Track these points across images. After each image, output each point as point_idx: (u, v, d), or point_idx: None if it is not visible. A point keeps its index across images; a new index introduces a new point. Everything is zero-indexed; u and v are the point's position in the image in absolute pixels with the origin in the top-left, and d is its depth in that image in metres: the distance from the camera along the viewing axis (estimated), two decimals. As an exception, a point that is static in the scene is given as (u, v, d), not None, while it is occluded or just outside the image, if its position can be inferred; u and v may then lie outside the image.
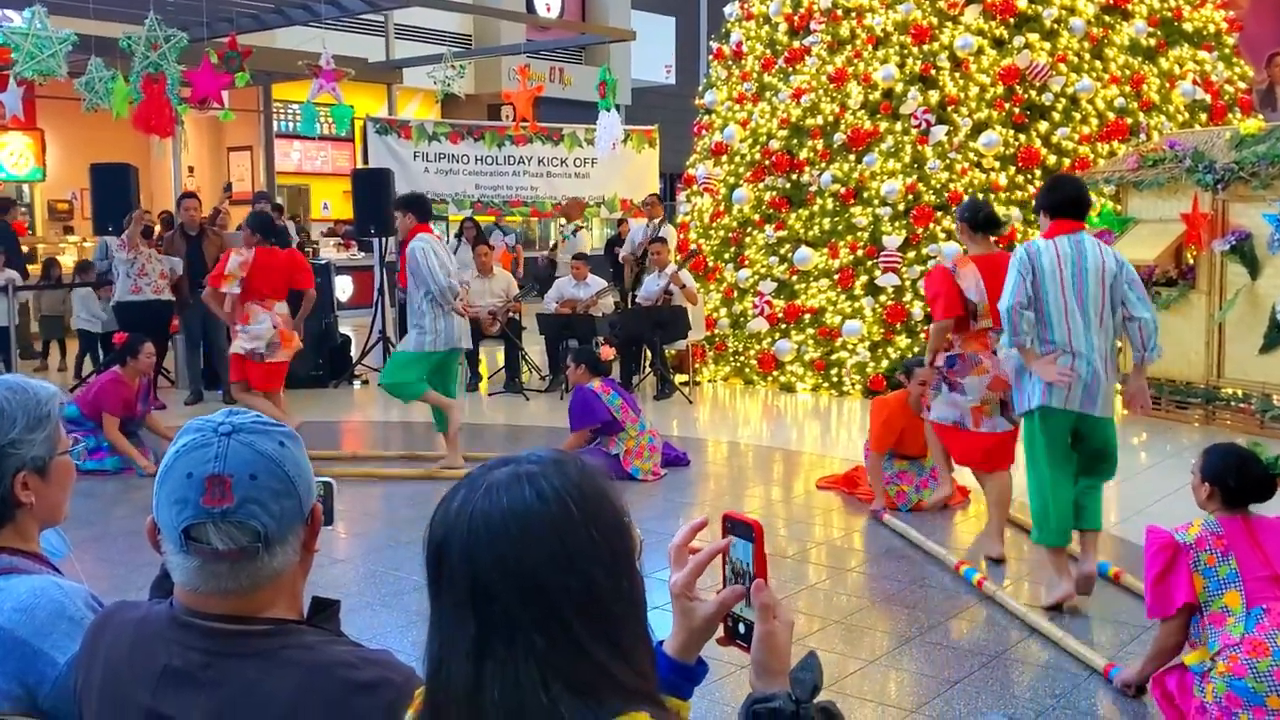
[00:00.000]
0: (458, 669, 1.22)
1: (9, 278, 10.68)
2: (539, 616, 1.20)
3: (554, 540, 1.22)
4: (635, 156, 15.74)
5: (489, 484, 1.26)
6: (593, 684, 1.20)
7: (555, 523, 1.23)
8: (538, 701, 1.18)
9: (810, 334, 10.67)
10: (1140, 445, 8.53)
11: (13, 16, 13.20)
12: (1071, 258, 4.79)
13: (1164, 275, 9.08)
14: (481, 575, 1.22)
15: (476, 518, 1.24)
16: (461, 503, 1.27)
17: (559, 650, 1.20)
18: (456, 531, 1.25)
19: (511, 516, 1.23)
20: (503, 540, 1.22)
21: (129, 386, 7.77)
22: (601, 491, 1.28)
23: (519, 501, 1.23)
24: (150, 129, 10.22)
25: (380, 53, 16.74)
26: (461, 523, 1.25)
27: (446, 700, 1.23)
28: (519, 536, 1.22)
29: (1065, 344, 4.76)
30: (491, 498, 1.25)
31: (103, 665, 1.59)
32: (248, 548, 1.50)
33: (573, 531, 1.23)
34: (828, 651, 4.54)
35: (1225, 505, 3.63)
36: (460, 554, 1.24)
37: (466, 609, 1.22)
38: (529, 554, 1.21)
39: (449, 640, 1.24)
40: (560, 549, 1.22)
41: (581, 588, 1.22)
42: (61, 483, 2.01)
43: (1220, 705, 3.37)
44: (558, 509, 1.23)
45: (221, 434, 1.52)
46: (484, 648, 1.21)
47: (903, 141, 10.71)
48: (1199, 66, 11.27)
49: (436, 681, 1.24)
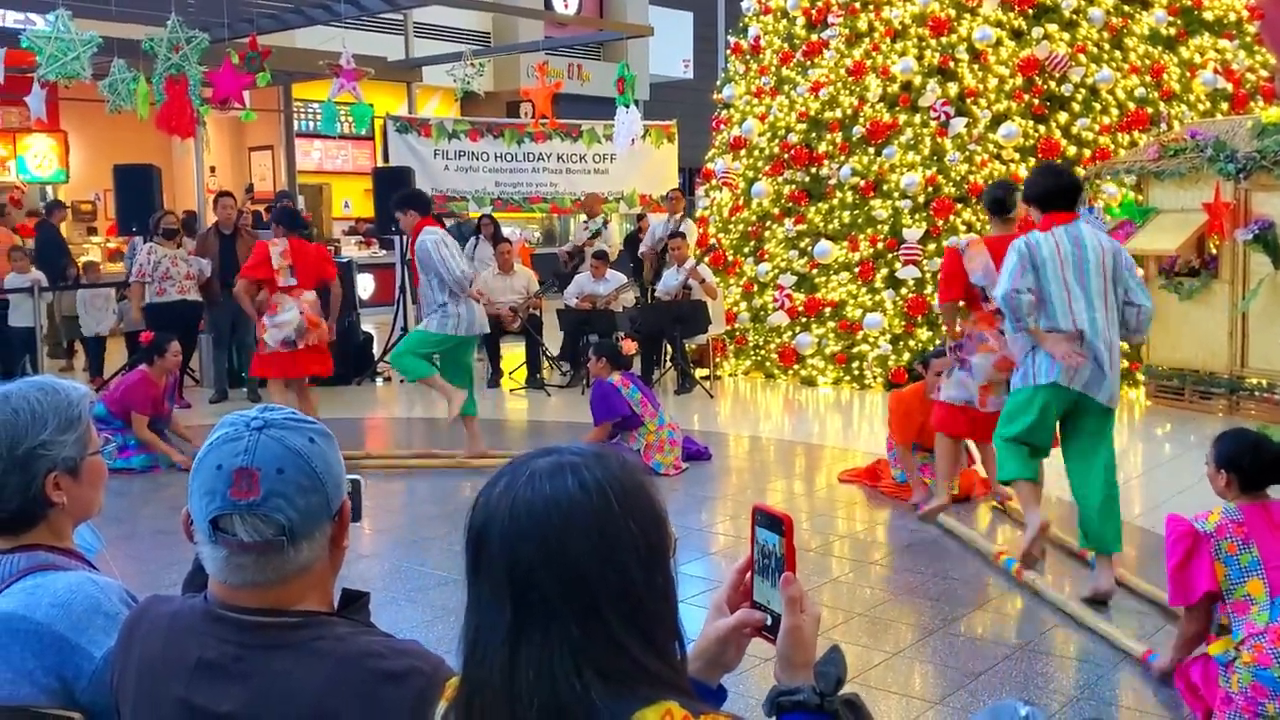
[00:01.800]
0: (494, 653, 1.24)
1: (34, 279, 10.77)
2: (575, 605, 1.22)
3: (594, 531, 1.24)
4: (654, 152, 15.75)
5: (532, 472, 1.28)
6: (624, 673, 1.22)
7: (596, 513, 1.25)
8: (570, 688, 1.20)
9: (831, 327, 10.67)
10: (1164, 436, 8.50)
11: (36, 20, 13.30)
12: (1070, 248, 4.81)
13: (1186, 265, 9.04)
14: (521, 562, 1.24)
15: (519, 505, 1.26)
16: (504, 489, 1.29)
17: (593, 639, 1.22)
18: (497, 517, 1.26)
19: (553, 505, 1.25)
20: (544, 528, 1.24)
21: (156, 385, 7.84)
22: (641, 485, 1.30)
23: (562, 491, 1.25)
24: (172, 130, 10.28)
25: (400, 51, 16.79)
26: (503, 509, 1.27)
27: (481, 683, 1.25)
28: (560, 525, 1.24)
29: (1071, 330, 4.77)
30: (534, 486, 1.27)
31: (138, 659, 1.63)
32: (272, 541, 1.52)
33: (612, 523, 1.25)
34: (852, 644, 4.55)
35: (1243, 491, 3.62)
36: (501, 540, 1.25)
37: (504, 594, 1.24)
38: (569, 543, 1.23)
39: (486, 624, 1.26)
40: (599, 540, 1.24)
41: (618, 579, 1.24)
42: (93, 482, 2.04)
43: (1246, 695, 3.37)
44: (599, 500, 1.25)
45: (253, 428, 1.55)
46: (519, 633, 1.23)
47: (922, 134, 10.69)
48: (1220, 55, 11.20)
49: (472, 663, 1.27)
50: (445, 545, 6.01)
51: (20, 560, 1.93)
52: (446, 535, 6.21)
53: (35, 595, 1.86)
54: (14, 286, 10.69)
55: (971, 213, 10.31)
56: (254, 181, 18.81)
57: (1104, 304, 4.81)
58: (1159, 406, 9.33)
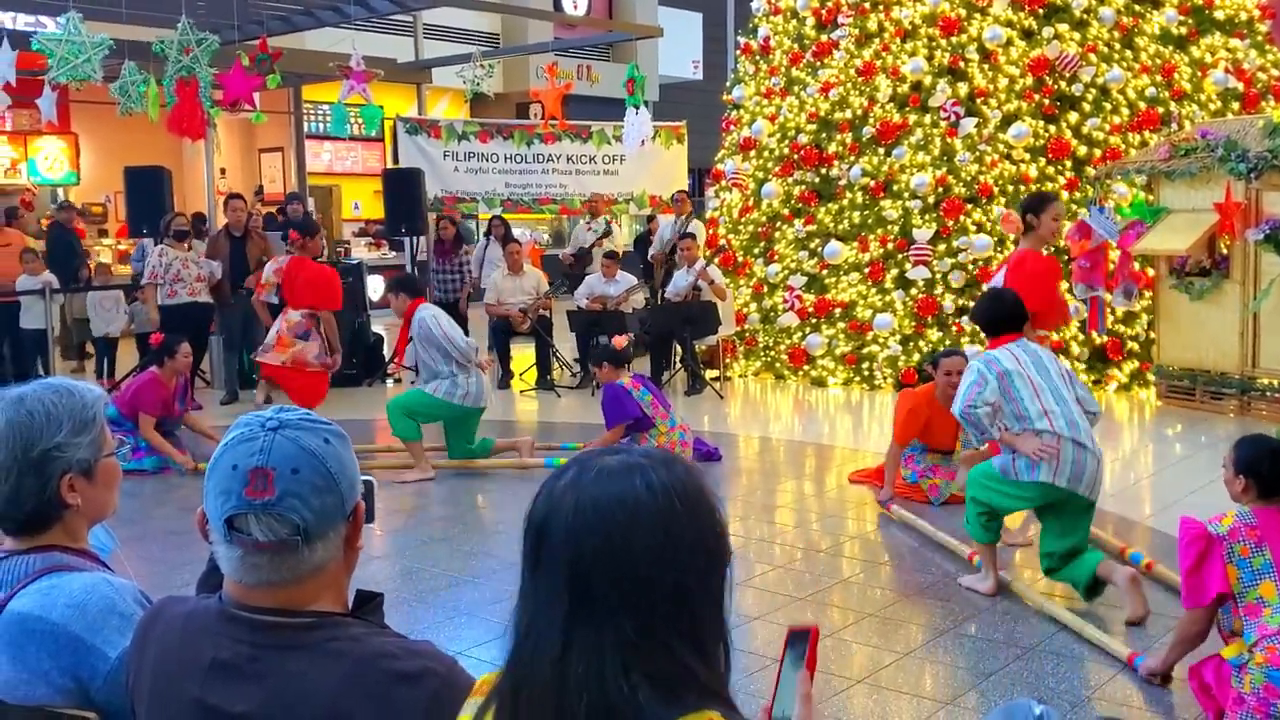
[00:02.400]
0: (546, 646, 1.25)
1: (46, 280, 10.81)
2: (631, 605, 1.24)
3: (657, 532, 1.26)
4: (663, 152, 15.77)
5: (600, 469, 1.30)
6: (672, 678, 1.23)
7: (660, 515, 1.26)
8: (618, 688, 1.21)
9: (841, 328, 10.66)
10: (1175, 436, 8.48)
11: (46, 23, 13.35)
12: (1026, 356, 4.98)
13: (1197, 265, 9.02)
14: (583, 557, 1.25)
15: (585, 500, 1.27)
16: (569, 484, 1.30)
17: (645, 640, 1.23)
18: (562, 511, 1.28)
19: (619, 503, 1.26)
20: (609, 525, 1.25)
21: (166, 386, 7.86)
22: (704, 493, 1.32)
23: (629, 490, 1.27)
24: (183, 132, 10.32)
25: (409, 53, 16.83)
26: (568, 503, 1.28)
27: (530, 674, 1.26)
28: (625, 524, 1.25)
29: (1049, 431, 4.81)
30: (602, 483, 1.28)
31: (153, 659, 1.63)
32: (287, 540, 1.53)
33: (675, 527, 1.26)
34: (862, 645, 4.55)
35: (1260, 497, 3.62)
36: (564, 533, 1.27)
37: (562, 587, 1.26)
38: (632, 543, 1.25)
39: (541, 616, 1.27)
40: (662, 542, 1.25)
41: (675, 583, 1.25)
42: (108, 483, 2.05)
43: (1258, 696, 3.37)
44: (664, 502, 1.27)
45: (269, 429, 1.56)
46: (574, 628, 1.24)
47: (932, 134, 10.67)
48: (1231, 54, 11.16)
49: (522, 654, 1.27)
50: (455, 547, 6.02)
51: (36, 561, 1.95)
52: (457, 537, 6.23)
53: (51, 596, 1.87)
54: (25, 288, 10.73)
55: (981, 213, 10.30)
56: (264, 183, 18.86)
57: (1071, 400, 4.92)
58: (1170, 407, 9.31)
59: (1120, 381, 10.06)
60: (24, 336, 10.83)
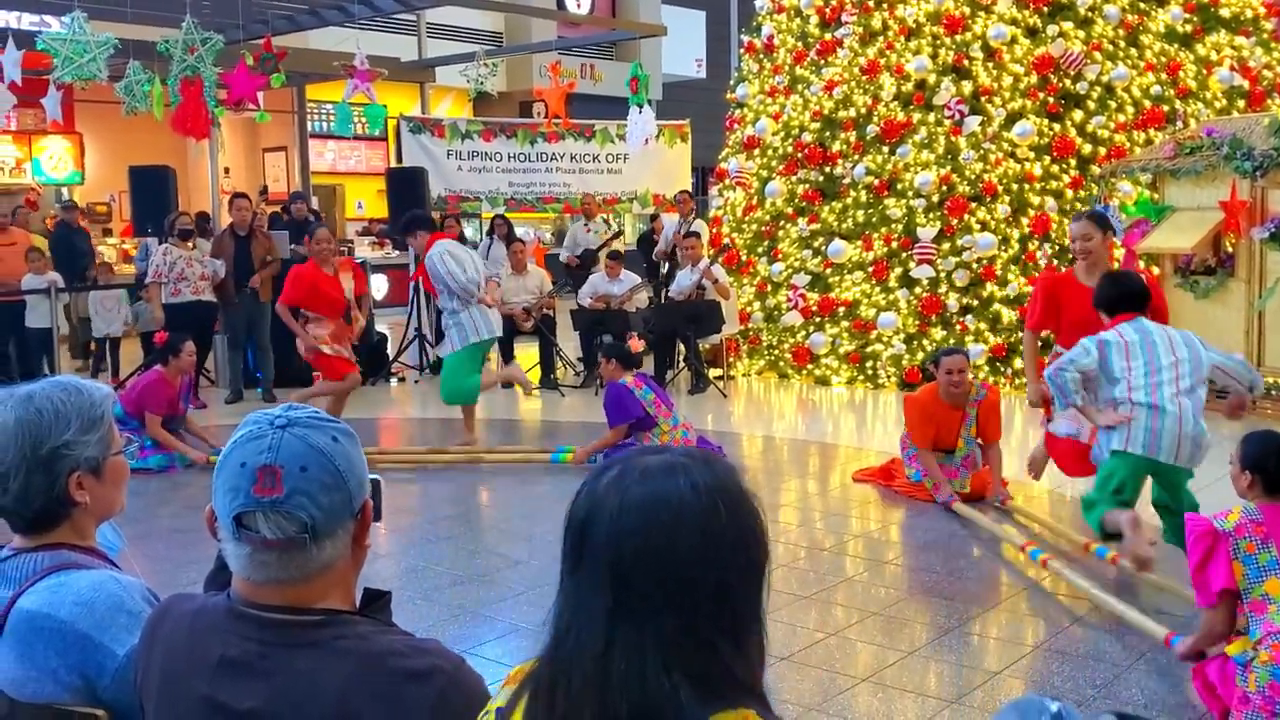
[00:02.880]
0: (588, 642, 1.26)
1: (51, 279, 10.82)
2: (674, 604, 1.25)
3: (700, 533, 1.27)
4: (667, 151, 15.77)
5: (644, 468, 1.31)
6: (712, 676, 1.25)
7: (704, 516, 1.27)
8: (659, 685, 1.22)
9: (845, 327, 10.65)
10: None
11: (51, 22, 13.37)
12: (1136, 336, 4.99)
13: (1202, 264, 9.01)
14: (626, 554, 1.26)
15: (629, 498, 1.28)
16: (612, 483, 1.31)
17: (686, 640, 1.24)
18: (605, 508, 1.29)
19: (664, 502, 1.27)
20: (653, 525, 1.26)
21: (171, 385, 7.87)
22: (744, 493, 1.33)
23: (673, 490, 1.28)
24: (187, 131, 10.33)
25: (413, 52, 16.84)
26: (612, 501, 1.29)
27: (571, 670, 1.26)
28: (669, 524, 1.26)
29: (1126, 400, 4.86)
30: (646, 482, 1.29)
31: (161, 656, 1.64)
32: (295, 538, 1.53)
33: (718, 528, 1.28)
34: (867, 643, 4.55)
35: (1267, 492, 3.61)
36: (607, 533, 1.28)
37: (604, 586, 1.26)
38: (676, 542, 1.26)
39: (582, 612, 1.28)
40: (704, 542, 1.27)
41: (717, 583, 1.27)
42: (116, 481, 2.05)
43: (1264, 694, 3.36)
44: (708, 502, 1.28)
45: (277, 426, 1.57)
46: (616, 624, 1.25)
47: (936, 133, 10.67)
48: (1236, 52, 11.15)
49: (562, 649, 1.28)
50: (460, 545, 6.03)
51: (44, 559, 1.95)
52: (461, 535, 6.23)
53: (59, 594, 1.88)
54: (31, 287, 10.74)
55: (986, 211, 10.29)
56: (268, 183, 18.88)
57: (1174, 377, 4.91)
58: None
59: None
60: (30, 336, 10.84)
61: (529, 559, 5.66)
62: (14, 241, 11.34)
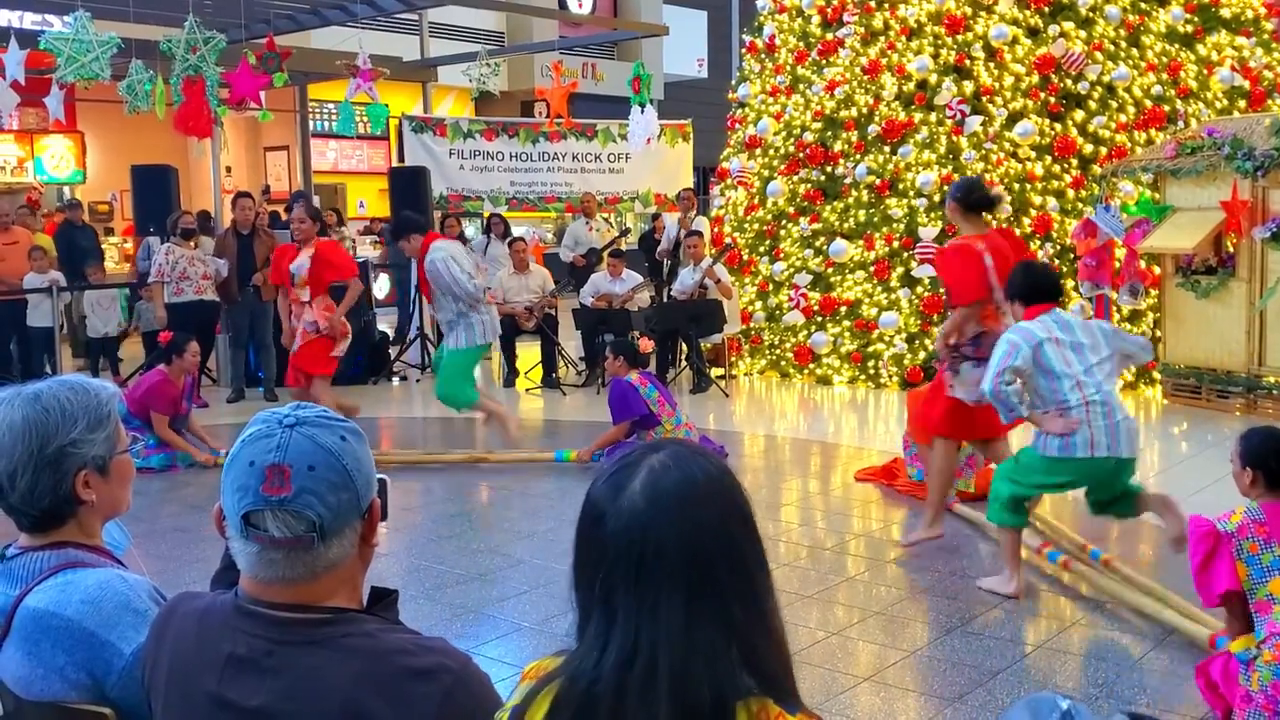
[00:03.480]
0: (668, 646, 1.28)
1: (52, 279, 10.83)
2: (701, 582, 1.30)
3: (720, 517, 1.34)
4: (669, 151, 15.77)
5: (663, 457, 1.36)
6: (768, 665, 1.30)
7: (724, 502, 1.35)
8: (730, 673, 1.28)
9: (846, 326, 10.66)
10: (1181, 435, 8.48)
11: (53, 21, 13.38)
12: (1057, 327, 4.91)
13: (1203, 263, 9.02)
14: (652, 537, 1.30)
15: (658, 483, 1.33)
16: (633, 470, 1.36)
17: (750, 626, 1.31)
18: (629, 495, 1.33)
19: (689, 486, 1.33)
20: (680, 507, 1.32)
21: (175, 385, 7.89)
22: (740, 488, 1.40)
23: (696, 475, 1.35)
24: (190, 130, 10.33)
25: (415, 51, 16.84)
26: (636, 487, 1.33)
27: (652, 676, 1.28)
28: (694, 504, 1.32)
29: (1080, 402, 4.77)
30: (669, 469, 1.35)
31: (169, 654, 1.65)
32: (303, 537, 1.54)
33: (735, 514, 1.35)
34: (869, 643, 4.56)
35: (1269, 489, 3.61)
36: (631, 516, 1.32)
37: (632, 568, 1.30)
38: (702, 524, 1.32)
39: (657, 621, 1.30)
40: (724, 525, 1.34)
41: (740, 566, 1.33)
42: (122, 480, 2.06)
43: (1266, 694, 3.36)
44: (727, 490, 1.36)
45: (285, 426, 1.57)
46: (694, 620, 1.29)
47: (937, 132, 10.67)
48: (1237, 52, 11.15)
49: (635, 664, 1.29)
50: (463, 544, 6.03)
51: (50, 557, 1.96)
52: (464, 534, 6.24)
53: (65, 592, 1.89)
54: (32, 286, 10.75)
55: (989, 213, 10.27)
56: (269, 182, 18.89)
57: (1109, 370, 4.91)
58: (1176, 405, 9.30)
59: (1126, 380, 10.05)
60: (31, 334, 10.85)
61: (531, 558, 5.66)
62: (16, 240, 11.34)
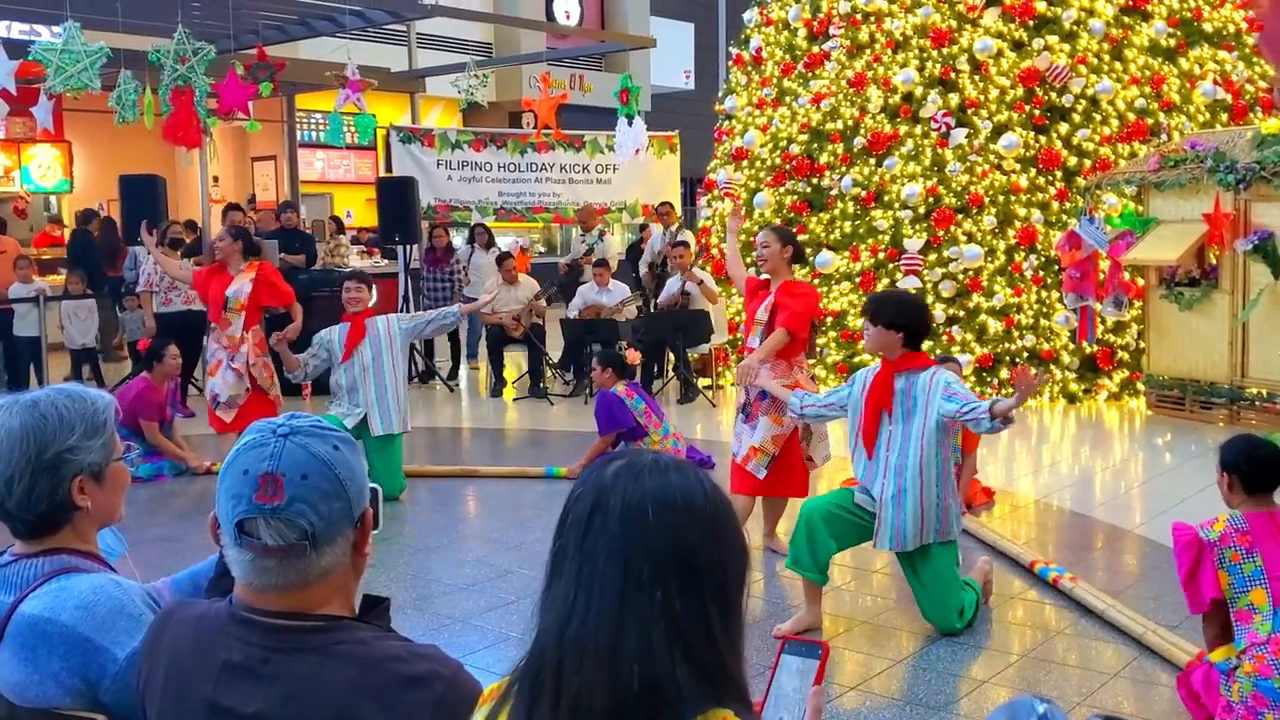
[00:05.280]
0: (601, 619, 1.30)
1: (38, 288, 10.81)
2: (683, 587, 1.31)
3: (708, 525, 1.35)
4: (656, 162, 15.80)
5: (652, 463, 1.38)
6: (708, 663, 1.31)
7: (712, 513, 1.37)
8: (664, 660, 1.29)
9: (833, 337, 10.70)
10: (1165, 446, 8.53)
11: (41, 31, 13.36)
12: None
13: (1187, 275, 9.09)
14: (640, 535, 1.32)
15: (643, 487, 1.35)
16: (621, 471, 1.37)
17: (691, 622, 1.31)
18: (618, 495, 1.35)
19: (680, 494, 1.35)
20: (668, 512, 1.33)
21: (159, 390, 7.90)
22: (729, 503, 1.41)
23: (686, 484, 1.36)
24: (179, 140, 10.32)
25: (403, 62, 16.86)
26: (624, 488, 1.35)
27: (583, 644, 1.30)
28: (683, 512, 1.34)
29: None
30: (661, 474, 1.36)
31: (165, 661, 1.66)
32: (296, 545, 1.56)
33: (722, 527, 1.37)
34: (854, 652, 4.59)
35: (1247, 493, 3.64)
36: (621, 516, 1.33)
37: (616, 564, 1.32)
38: (689, 531, 1.34)
39: (592, 593, 1.32)
40: (711, 536, 1.35)
41: (720, 577, 1.35)
42: (116, 487, 2.08)
43: (1246, 705, 3.39)
44: (713, 503, 1.37)
45: (279, 435, 1.60)
46: (625, 604, 1.30)
47: (923, 145, 10.73)
48: (1219, 66, 11.25)
49: (569, 630, 1.32)
50: (450, 554, 6.05)
51: (44, 564, 1.98)
52: (451, 544, 6.25)
53: (60, 598, 1.91)
54: (19, 296, 10.73)
55: (972, 223, 10.36)
56: (256, 191, 18.87)
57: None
58: (1160, 416, 9.37)
59: (1110, 391, 10.12)
60: (18, 344, 10.82)
61: (519, 568, 5.68)
62: (3, 250, 11.33)
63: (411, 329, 7.54)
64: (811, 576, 4.76)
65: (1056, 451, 8.43)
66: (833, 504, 4.86)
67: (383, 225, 12.59)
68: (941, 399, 4.61)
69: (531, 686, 1.34)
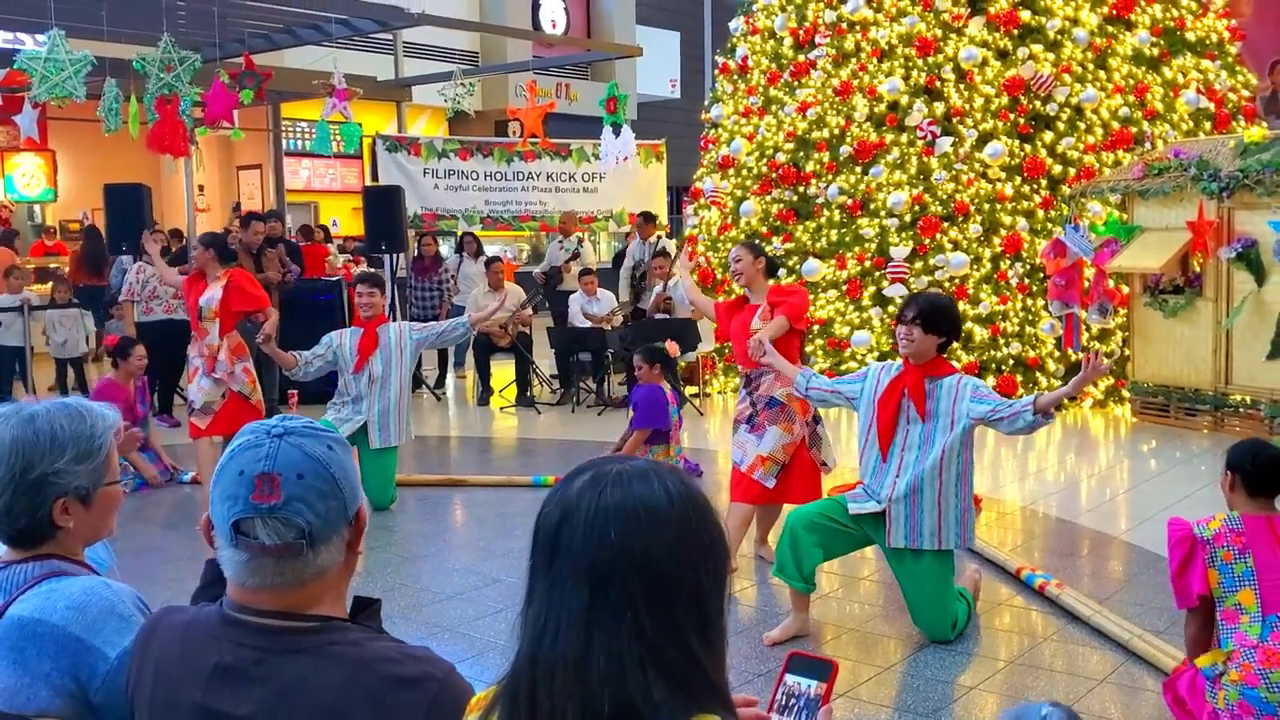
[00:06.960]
0: (568, 639, 1.29)
1: (24, 298, 10.75)
2: (650, 602, 1.28)
3: (676, 536, 1.32)
4: (642, 171, 15.83)
5: (619, 472, 1.35)
6: (684, 674, 1.28)
7: (679, 520, 1.33)
8: (636, 679, 1.26)
9: (819, 345, 10.72)
10: (1149, 452, 8.57)
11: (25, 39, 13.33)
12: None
13: (1170, 283, 9.14)
14: (603, 555, 1.29)
15: (607, 500, 1.32)
16: (588, 485, 1.34)
17: (662, 636, 1.28)
18: (581, 511, 1.32)
19: (643, 505, 1.31)
20: (632, 526, 1.30)
21: (125, 388, 7.87)
22: (709, 506, 1.38)
23: (650, 493, 1.33)
24: (164, 149, 10.31)
25: (389, 71, 16.86)
26: (587, 504, 1.32)
27: (555, 666, 1.29)
28: (647, 524, 1.31)
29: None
30: (623, 485, 1.33)
31: (154, 667, 1.66)
32: (293, 544, 1.56)
33: (692, 532, 1.33)
34: (842, 659, 4.59)
35: (1249, 496, 3.66)
36: (584, 533, 1.31)
37: (581, 585, 1.29)
38: (655, 542, 1.30)
39: (561, 612, 1.30)
40: (679, 544, 1.31)
41: (692, 585, 1.31)
42: (105, 511, 2.06)
43: (1232, 712, 3.40)
44: (680, 509, 1.33)
45: (273, 436, 1.60)
46: (593, 623, 1.28)
47: (909, 153, 10.77)
48: (1202, 75, 11.32)
49: (541, 649, 1.30)
50: (438, 562, 6.03)
51: (34, 568, 1.97)
52: (437, 554, 6.24)
53: (50, 599, 1.90)
54: (3, 306, 10.67)
55: (958, 231, 10.40)
56: (242, 200, 18.85)
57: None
58: (1144, 423, 9.40)
59: (1095, 398, 10.15)
60: (2, 354, 10.76)
61: (506, 576, 5.67)
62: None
63: (423, 339, 7.50)
64: (796, 585, 4.77)
65: (1042, 458, 8.46)
66: (817, 513, 4.86)
67: (369, 234, 12.56)
68: (971, 402, 4.64)
69: (510, 706, 1.33)
